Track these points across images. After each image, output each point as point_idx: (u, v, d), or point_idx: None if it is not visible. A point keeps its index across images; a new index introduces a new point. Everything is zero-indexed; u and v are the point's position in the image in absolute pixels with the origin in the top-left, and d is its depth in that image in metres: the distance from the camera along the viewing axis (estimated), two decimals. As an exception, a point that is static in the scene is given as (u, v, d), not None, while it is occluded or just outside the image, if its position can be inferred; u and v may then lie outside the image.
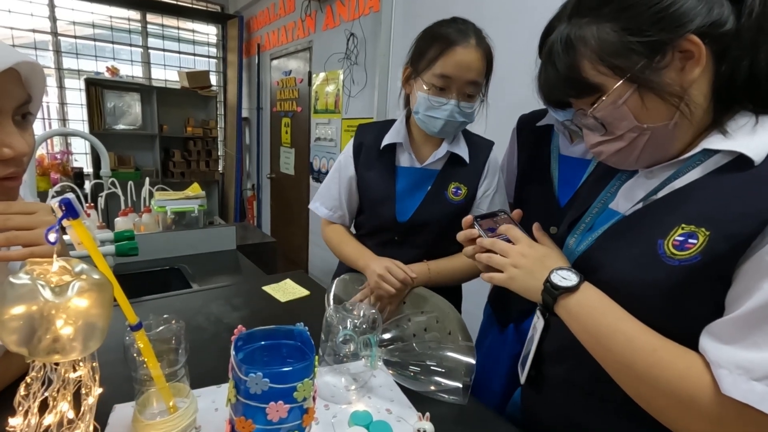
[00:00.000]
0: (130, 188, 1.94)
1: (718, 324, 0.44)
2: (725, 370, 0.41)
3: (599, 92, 0.51)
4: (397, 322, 0.85)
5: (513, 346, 1.14)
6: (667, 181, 0.53)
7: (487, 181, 1.07)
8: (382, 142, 1.07)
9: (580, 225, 0.64)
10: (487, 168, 1.07)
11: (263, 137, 4.15)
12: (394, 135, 1.07)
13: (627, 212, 0.56)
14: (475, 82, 0.94)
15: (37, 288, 0.38)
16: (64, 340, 0.40)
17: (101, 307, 0.43)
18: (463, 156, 1.05)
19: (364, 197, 1.13)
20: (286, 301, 1.14)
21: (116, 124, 3.73)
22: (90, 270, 0.43)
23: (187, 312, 1.03)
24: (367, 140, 1.11)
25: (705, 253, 0.44)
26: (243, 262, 1.67)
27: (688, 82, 0.47)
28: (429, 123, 0.99)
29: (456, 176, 1.06)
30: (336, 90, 2.86)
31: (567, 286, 0.54)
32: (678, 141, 0.51)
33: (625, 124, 0.51)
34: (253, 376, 0.48)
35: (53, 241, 0.40)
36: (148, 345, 0.54)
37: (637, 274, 0.50)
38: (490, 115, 1.05)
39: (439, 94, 0.95)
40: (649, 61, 0.47)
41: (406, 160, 1.09)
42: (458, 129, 1.03)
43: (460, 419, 0.67)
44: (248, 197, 4.41)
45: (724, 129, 0.48)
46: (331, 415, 0.65)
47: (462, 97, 0.95)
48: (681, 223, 0.47)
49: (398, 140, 1.07)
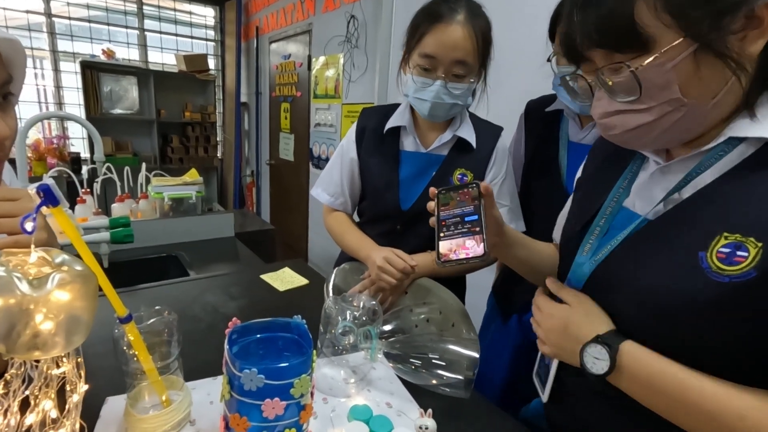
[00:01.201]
0: (127, 174, 1.90)
1: None
2: None
3: (645, 48, 0.42)
4: (398, 313, 0.83)
5: (515, 337, 1.13)
6: (689, 176, 0.48)
7: (495, 168, 1.03)
8: (386, 126, 1.04)
9: (593, 228, 0.59)
10: (496, 154, 1.03)
11: (262, 123, 4.09)
12: (399, 118, 1.04)
13: (649, 215, 0.51)
14: (462, 62, 0.89)
15: (12, 280, 0.35)
16: (45, 336, 0.38)
17: (85, 300, 0.40)
18: (469, 140, 1.01)
19: (367, 183, 1.09)
20: (284, 290, 1.11)
21: (113, 108, 3.67)
22: (72, 261, 0.41)
23: (183, 301, 1.01)
24: (370, 124, 1.08)
25: (760, 268, 0.39)
26: (241, 250, 1.64)
27: (747, 55, 0.41)
28: (418, 106, 0.97)
29: (462, 162, 1.02)
30: (336, 74, 2.80)
31: (600, 374, 0.49)
32: (707, 123, 0.46)
33: (664, 93, 0.43)
34: (247, 372, 0.45)
35: (30, 230, 0.37)
36: (138, 338, 0.51)
37: (676, 288, 0.44)
38: (498, 101, 1.01)
39: (425, 74, 0.92)
40: (718, 21, 0.40)
41: (410, 144, 1.06)
42: (450, 111, 0.98)
43: (463, 414, 0.66)
44: (247, 184, 4.38)
45: (753, 112, 0.43)
46: (330, 409, 0.63)
47: (450, 78, 0.91)
48: (723, 231, 0.42)
49: (402, 123, 1.03)
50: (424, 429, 0.52)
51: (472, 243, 0.61)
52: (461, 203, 0.64)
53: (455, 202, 0.65)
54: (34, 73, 3.51)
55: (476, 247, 0.60)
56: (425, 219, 1.01)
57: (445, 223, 0.65)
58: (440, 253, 0.63)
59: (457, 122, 1.02)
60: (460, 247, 0.61)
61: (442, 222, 0.65)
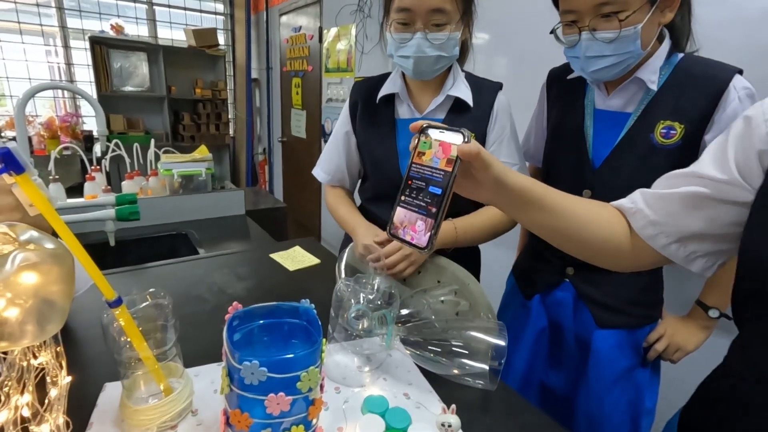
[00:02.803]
0: (136, 150, 1.86)
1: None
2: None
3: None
4: (412, 295, 0.77)
5: (538, 320, 1.06)
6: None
7: (497, 126, 0.97)
8: (378, 94, 1.00)
9: None
10: (496, 111, 0.97)
11: (273, 99, 4.01)
12: (390, 86, 1.00)
13: None
14: (440, 10, 0.85)
15: (-37, 261, 0.30)
16: (12, 324, 0.33)
17: (58, 283, 0.35)
18: (465, 99, 0.95)
19: (366, 157, 1.06)
20: (294, 269, 1.06)
21: (124, 85, 3.63)
22: (42, 238, 0.35)
23: (189, 281, 0.96)
24: (362, 96, 1.04)
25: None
26: (252, 228, 1.60)
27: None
28: (403, 64, 0.93)
29: (461, 123, 0.96)
30: (348, 46, 2.69)
31: None
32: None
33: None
34: (248, 364, 0.40)
35: (-15, 202, 0.32)
36: (131, 322, 0.46)
37: None
38: (518, 73, 0.93)
39: (404, 29, 0.88)
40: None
41: (405, 111, 1.01)
42: (436, 66, 0.92)
43: (489, 408, 0.60)
44: (260, 162, 4.33)
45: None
46: (342, 399, 0.58)
47: (430, 28, 0.87)
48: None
49: (394, 90, 0.99)
50: (446, 426, 0.46)
51: (421, 227, 0.50)
52: (436, 159, 0.51)
53: (431, 153, 0.51)
54: (45, 51, 3.48)
55: (421, 236, 0.50)
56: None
57: (412, 183, 0.52)
58: (393, 223, 0.52)
59: (450, 82, 0.97)
60: (411, 225, 0.51)
61: (408, 180, 0.53)
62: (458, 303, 0.89)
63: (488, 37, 1.82)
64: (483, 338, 0.60)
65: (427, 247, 0.49)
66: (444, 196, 0.49)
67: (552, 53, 1.05)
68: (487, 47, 1.83)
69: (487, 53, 1.82)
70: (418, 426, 0.52)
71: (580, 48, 0.81)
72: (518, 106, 1.03)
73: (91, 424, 0.51)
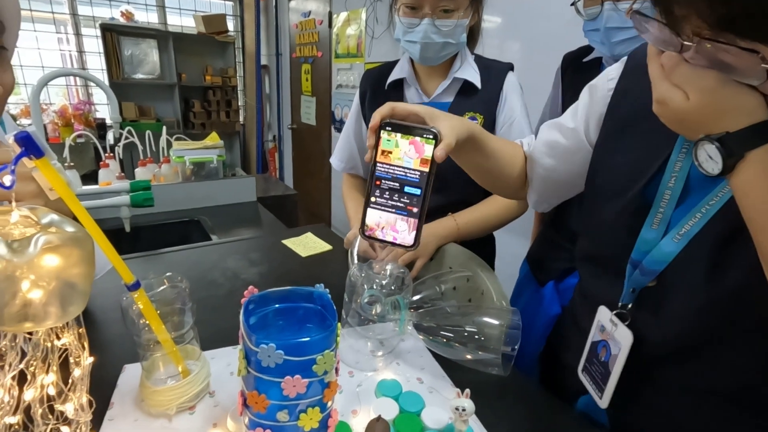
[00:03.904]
0: (149, 138, 1.88)
1: None
2: None
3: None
4: (423, 282, 0.77)
5: (550, 306, 1.06)
6: None
7: (507, 107, 0.95)
8: (387, 81, 1.01)
9: (661, 195, 0.48)
10: (505, 92, 0.95)
11: (283, 85, 3.99)
12: (398, 71, 1.00)
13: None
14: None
15: (-12, 243, 0.31)
16: (36, 305, 0.33)
17: (80, 266, 0.35)
18: (473, 81, 0.94)
19: None
20: (307, 255, 1.07)
21: (135, 73, 3.64)
22: (62, 221, 0.35)
23: (203, 266, 0.98)
24: (371, 84, 1.05)
25: None
26: (264, 215, 1.61)
27: None
28: (410, 49, 0.92)
29: (470, 105, 0.95)
30: (358, 31, 2.65)
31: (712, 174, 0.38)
32: None
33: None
34: (264, 347, 0.40)
35: (8, 186, 0.32)
36: (149, 305, 0.47)
37: None
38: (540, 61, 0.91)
39: (412, 14, 0.87)
40: None
41: (413, 96, 1.00)
42: (442, 52, 0.91)
43: (503, 394, 0.60)
44: (270, 149, 4.33)
45: None
46: (356, 383, 0.58)
47: (438, 14, 0.86)
48: None
49: (402, 75, 0.99)
50: (461, 410, 0.46)
51: (403, 226, 0.51)
52: (408, 159, 0.50)
53: (400, 151, 0.51)
54: (57, 38, 3.49)
55: (406, 235, 0.51)
56: (440, 177, 0.94)
57: (380, 183, 0.52)
58: (365, 225, 0.53)
59: (457, 64, 0.96)
60: (390, 226, 0.52)
61: (376, 180, 0.52)
62: (471, 289, 0.89)
63: (499, 20, 1.78)
64: (496, 323, 0.60)
65: (414, 245, 0.50)
66: (425, 196, 0.50)
67: (565, 37, 1.03)
68: (498, 31, 1.79)
69: (498, 37, 1.79)
70: (432, 410, 0.53)
71: (602, 19, 0.80)
72: (530, 92, 1.01)
73: (112, 404, 0.53)
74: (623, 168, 0.52)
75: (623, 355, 0.50)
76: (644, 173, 0.49)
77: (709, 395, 0.48)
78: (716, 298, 0.43)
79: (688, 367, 0.48)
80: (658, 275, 0.46)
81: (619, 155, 0.53)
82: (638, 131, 0.52)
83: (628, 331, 0.49)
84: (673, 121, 0.40)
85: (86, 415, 0.40)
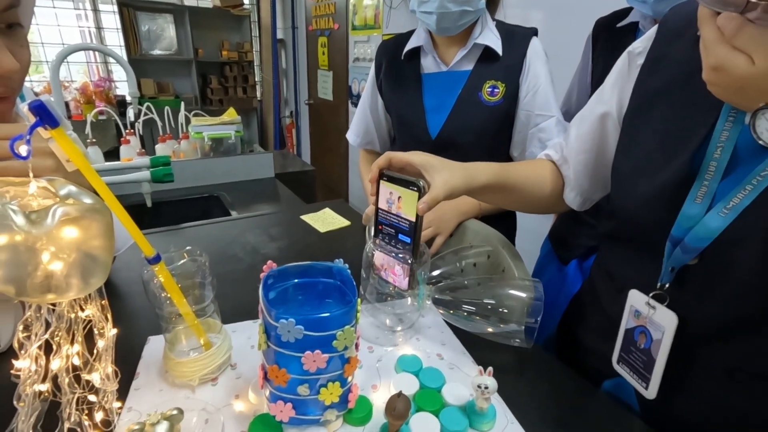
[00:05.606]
0: (167, 114, 1.88)
1: None
2: None
3: None
4: (443, 257, 0.76)
5: (573, 285, 1.04)
6: None
7: (531, 74, 0.90)
8: (404, 49, 0.97)
9: (705, 167, 0.44)
10: (529, 58, 0.90)
11: (299, 60, 3.93)
12: (415, 40, 0.96)
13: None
14: None
15: (7, 213, 0.30)
16: (57, 277, 0.33)
17: (98, 238, 0.35)
18: (494, 47, 0.89)
19: (393, 116, 1.04)
20: (325, 231, 1.07)
21: (152, 49, 3.64)
22: (81, 193, 0.35)
23: (224, 241, 0.98)
24: (388, 55, 1.02)
25: None
26: (282, 191, 1.61)
27: None
28: (426, 20, 0.88)
29: (490, 73, 0.91)
30: (376, 1, 2.57)
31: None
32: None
33: None
34: (284, 322, 0.40)
35: (24, 155, 0.31)
36: (170, 278, 0.47)
37: None
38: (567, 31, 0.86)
39: None
40: None
41: (431, 65, 0.96)
42: (460, 21, 0.86)
43: (524, 370, 0.59)
44: (287, 125, 4.32)
45: None
46: (376, 358, 0.58)
47: None
48: None
49: (419, 44, 0.95)
50: (483, 388, 0.46)
51: (399, 272, 0.56)
52: (400, 209, 0.56)
53: (394, 201, 0.57)
54: (76, 15, 3.50)
55: (402, 279, 0.56)
56: (458, 145, 0.91)
57: (383, 228, 0.58)
58: (374, 265, 0.59)
59: (477, 30, 0.91)
60: (390, 269, 0.57)
61: (379, 226, 0.59)
62: (493, 266, 0.87)
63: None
64: (518, 295, 0.59)
65: (409, 290, 0.57)
66: (414, 245, 0.55)
67: (592, 2, 0.96)
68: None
69: (520, 5, 1.70)
70: (452, 386, 0.52)
71: None
72: (555, 62, 0.95)
73: (137, 374, 0.54)
74: (657, 142, 0.49)
75: (668, 339, 0.46)
76: (685, 145, 0.45)
77: (760, 379, 0.45)
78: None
79: (736, 347, 0.46)
80: (701, 252, 0.43)
81: (650, 129, 0.50)
82: (673, 101, 0.48)
83: (672, 313, 0.46)
84: (732, 89, 0.37)
85: (112, 385, 0.41)
